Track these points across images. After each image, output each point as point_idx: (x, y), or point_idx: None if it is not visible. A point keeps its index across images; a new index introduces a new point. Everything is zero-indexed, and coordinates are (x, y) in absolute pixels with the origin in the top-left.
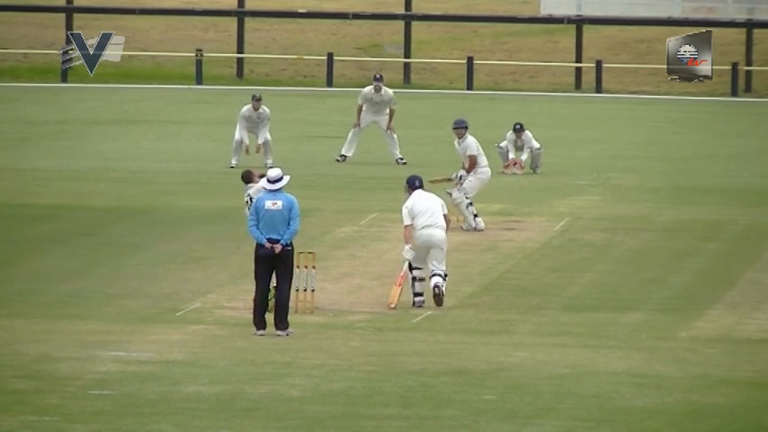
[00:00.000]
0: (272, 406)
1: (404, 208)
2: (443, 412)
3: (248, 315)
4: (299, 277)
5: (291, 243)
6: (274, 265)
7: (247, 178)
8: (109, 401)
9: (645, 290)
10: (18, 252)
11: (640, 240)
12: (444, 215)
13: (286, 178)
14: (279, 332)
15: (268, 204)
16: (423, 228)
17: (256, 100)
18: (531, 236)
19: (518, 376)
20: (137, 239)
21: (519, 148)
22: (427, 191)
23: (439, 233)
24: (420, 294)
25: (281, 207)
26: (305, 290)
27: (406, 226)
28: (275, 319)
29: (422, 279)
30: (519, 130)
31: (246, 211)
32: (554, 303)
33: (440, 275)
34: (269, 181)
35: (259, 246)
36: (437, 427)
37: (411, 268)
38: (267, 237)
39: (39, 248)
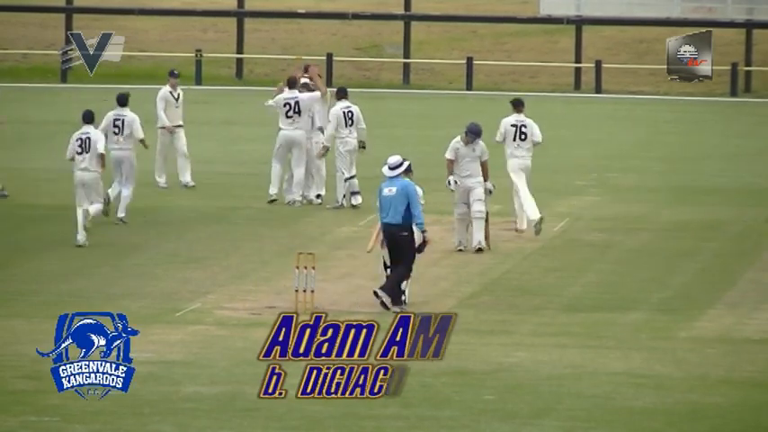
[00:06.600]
0: (272, 406)
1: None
2: (443, 412)
3: (248, 315)
4: (298, 278)
5: (410, 229)
6: (394, 248)
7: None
8: (109, 401)
9: (645, 290)
10: (18, 252)
11: (640, 240)
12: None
13: (405, 164)
14: (394, 308)
15: (385, 191)
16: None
17: None
18: (531, 236)
19: (518, 376)
20: (137, 239)
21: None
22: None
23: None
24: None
25: (395, 193)
26: (304, 290)
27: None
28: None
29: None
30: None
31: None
32: (554, 303)
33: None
34: (389, 168)
35: (382, 228)
36: (437, 427)
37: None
38: (384, 221)
39: (39, 248)
